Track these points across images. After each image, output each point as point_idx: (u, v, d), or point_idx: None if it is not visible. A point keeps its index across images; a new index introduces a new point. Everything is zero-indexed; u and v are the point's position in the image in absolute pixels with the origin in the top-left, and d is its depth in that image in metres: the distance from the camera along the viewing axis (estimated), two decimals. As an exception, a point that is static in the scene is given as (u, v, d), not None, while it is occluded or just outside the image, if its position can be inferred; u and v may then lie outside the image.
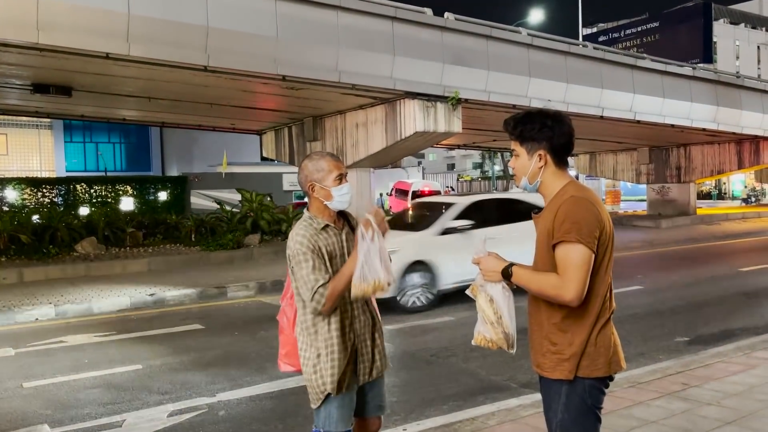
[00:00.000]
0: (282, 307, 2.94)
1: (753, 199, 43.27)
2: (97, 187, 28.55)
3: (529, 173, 2.33)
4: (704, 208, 33.02)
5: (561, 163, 2.32)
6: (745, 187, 50.18)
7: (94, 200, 27.54)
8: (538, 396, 4.84)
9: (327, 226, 2.72)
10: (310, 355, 2.69)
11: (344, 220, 2.84)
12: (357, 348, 2.74)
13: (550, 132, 2.27)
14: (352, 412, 2.75)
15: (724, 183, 53.29)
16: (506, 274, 2.29)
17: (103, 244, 14.59)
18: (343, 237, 2.76)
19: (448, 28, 14.60)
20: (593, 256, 2.15)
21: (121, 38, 10.56)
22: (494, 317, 2.35)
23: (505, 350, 2.39)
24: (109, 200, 27.77)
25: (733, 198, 51.04)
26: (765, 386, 4.72)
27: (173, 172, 36.55)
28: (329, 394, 2.67)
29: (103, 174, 32.02)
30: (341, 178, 2.72)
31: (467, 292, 2.47)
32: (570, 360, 2.23)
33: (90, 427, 4.60)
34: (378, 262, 2.54)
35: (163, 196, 30.51)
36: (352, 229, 2.83)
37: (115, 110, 17.91)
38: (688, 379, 4.95)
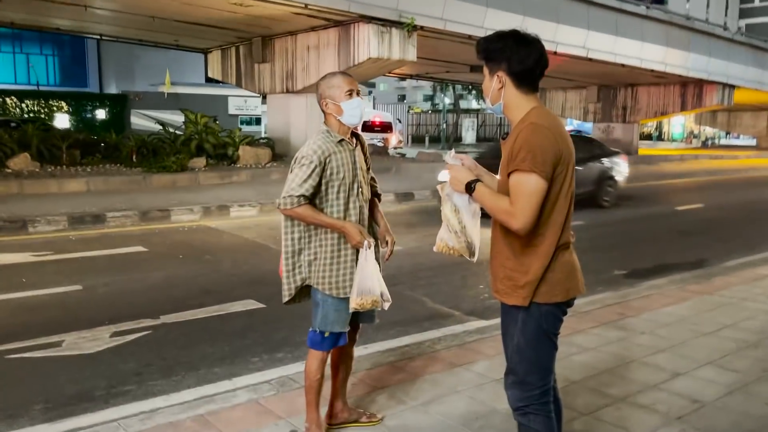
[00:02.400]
0: None
1: (710, 142, 45.99)
2: (28, 102, 27.01)
3: (491, 94, 2.30)
4: (648, 148, 34.05)
5: (523, 86, 2.26)
6: (686, 130, 51.93)
7: (26, 116, 26.06)
8: (482, 323, 5.00)
9: (342, 140, 2.85)
10: (306, 253, 2.84)
11: (356, 139, 2.97)
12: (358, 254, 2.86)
13: (508, 53, 2.22)
14: (348, 316, 2.87)
15: (665, 125, 54.82)
16: (470, 188, 2.26)
17: (37, 161, 13.91)
18: (356, 153, 2.90)
19: (406, -51, 14.08)
20: (547, 185, 2.13)
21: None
22: (458, 226, 2.36)
23: (466, 257, 2.42)
24: (43, 116, 26.35)
25: (672, 140, 52.86)
26: (695, 317, 4.97)
27: (112, 89, 34.87)
28: (300, 290, 2.86)
29: (35, 88, 30.21)
30: (351, 93, 2.84)
31: (437, 187, 2.50)
32: (525, 287, 2.24)
33: (28, 346, 4.47)
34: (377, 283, 2.78)
35: (101, 114, 29.15)
36: (363, 148, 3.01)
37: (48, 18, 16.70)
38: (625, 310, 5.17)
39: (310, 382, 2.91)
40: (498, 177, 2.34)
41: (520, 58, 2.22)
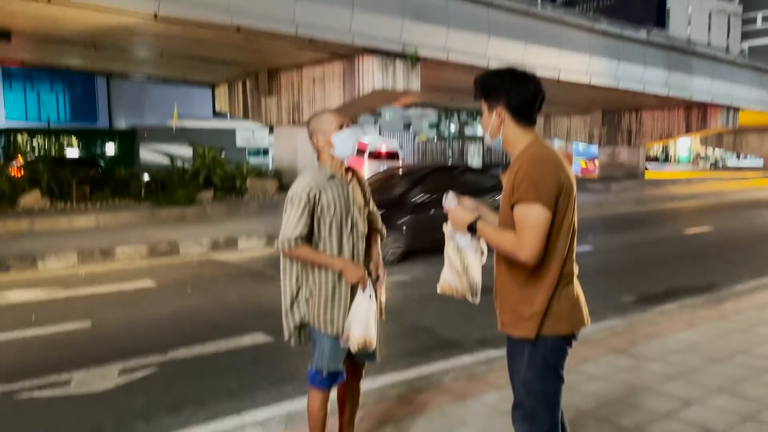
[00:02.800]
0: None
1: (720, 164, 46.48)
2: (39, 139, 27.40)
3: (490, 129, 2.35)
4: (654, 171, 34.02)
5: (522, 121, 2.31)
6: (691, 152, 51.98)
7: (37, 152, 26.43)
8: (491, 353, 4.96)
9: (333, 176, 2.86)
10: (303, 291, 2.86)
11: (352, 174, 2.98)
12: (354, 292, 2.86)
13: (506, 90, 2.28)
14: (343, 354, 2.87)
15: (671, 147, 54.85)
16: (472, 228, 2.29)
17: (47, 198, 14.05)
18: (349, 188, 2.90)
19: (408, -18, 14.33)
20: (551, 215, 2.15)
21: (64, -20, 9.98)
22: (461, 267, 2.39)
23: (469, 299, 2.44)
24: (53, 153, 26.71)
25: (679, 162, 52.89)
26: (707, 343, 4.92)
27: (121, 125, 35.32)
28: (302, 327, 2.88)
29: (45, 125, 30.67)
30: (341, 126, 2.87)
31: (444, 228, 2.50)
32: (531, 319, 2.25)
33: (37, 384, 4.47)
34: (374, 324, 2.82)
35: (110, 149, 29.52)
36: (360, 183, 3.00)
37: (58, 57, 17.05)
38: (635, 337, 5.13)
39: (313, 421, 2.90)
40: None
41: (518, 93, 2.27)
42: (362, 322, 2.77)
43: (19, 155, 22.88)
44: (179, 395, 4.31)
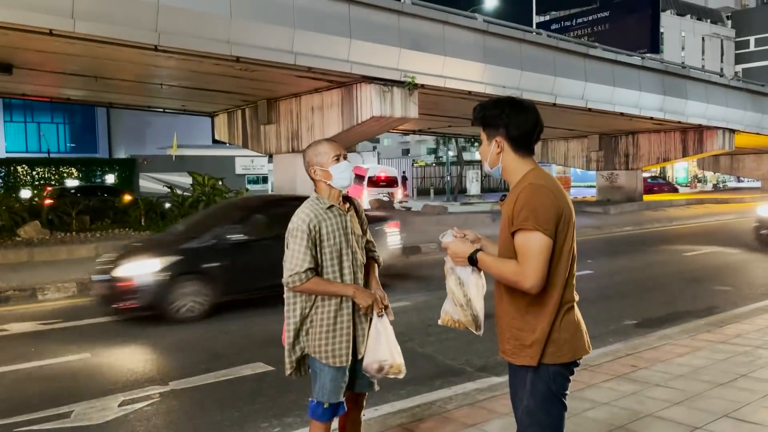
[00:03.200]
0: None
1: (721, 185, 47.16)
2: (39, 169, 27.51)
3: (489, 158, 2.38)
4: (653, 194, 34.12)
5: (521, 150, 2.34)
6: (689, 174, 52.41)
7: (37, 183, 26.52)
8: (493, 380, 4.94)
9: (332, 206, 2.86)
10: (305, 322, 2.86)
11: (350, 204, 3.00)
12: (355, 323, 2.87)
13: (506, 120, 2.31)
14: (344, 385, 2.86)
15: (669, 170, 55.10)
16: (472, 259, 2.30)
17: (47, 228, 14.07)
18: (347, 218, 2.91)
19: (405, 12, 14.54)
20: (552, 242, 2.17)
21: (65, 14, 10.13)
22: (464, 299, 2.39)
23: (472, 331, 2.45)
24: (53, 183, 26.80)
25: (678, 185, 53.15)
26: (710, 367, 4.90)
27: (121, 154, 35.52)
28: (302, 360, 2.88)
29: (46, 155, 30.83)
30: (339, 158, 2.87)
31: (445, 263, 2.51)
32: (532, 346, 2.25)
33: (37, 418, 4.44)
34: (395, 350, 2.90)
35: (110, 179, 29.63)
36: (358, 212, 3.02)
37: (59, 89, 17.22)
38: (637, 361, 5.11)
39: None
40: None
41: (517, 123, 2.31)
42: (387, 349, 2.85)
43: (48, 186, 23.46)
44: (180, 427, 4.28)
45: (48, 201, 18.22)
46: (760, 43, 74.25)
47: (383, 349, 2.84)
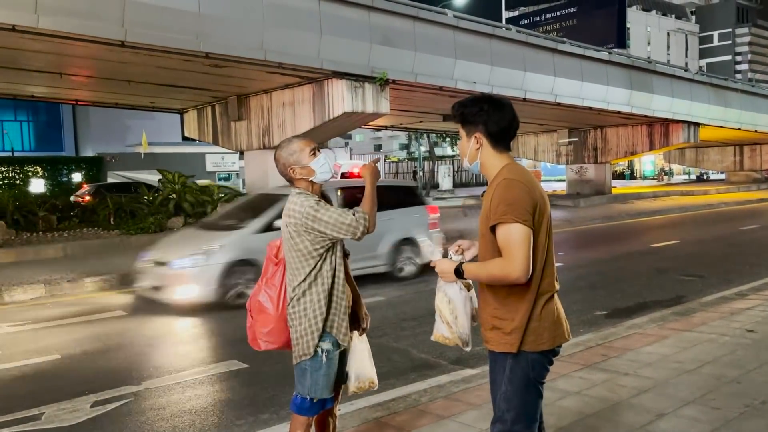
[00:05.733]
0: (260, 289, 2.97)
1: (705, 176, 48.31)
2: (3, 168, 26.86)
3: (469, 154, 2.45)
4: (621, 187, 34.73)
5: (499, 146, 2.42)
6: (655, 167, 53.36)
7: (0, 182, 25.91)
8: (467, 372, 5.00)
9: (318, 201, 2.83)
10: (307, 317, 2.81)
11: (324, 198, 2.97)
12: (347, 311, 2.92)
13: (485, 116, 2.38)
14: (335, 379, 2.88)
15: (636, 164, 56.11)
16: (459, 271, 2.37)
17: (13, 229, 13.76)
18: None
19: (375, 7, 14.54)
20: (531, 232, 2.25)
21: (28, 9, 9.90)
22: (450, 317, 2.46)
23: (461, 347, 2.51)
24: (18, 182, 26.21)
25: (644, 178, 54.18)
26: (677, 355, 5.03)
27: (88, 152, 34.85)
28: (315, 355, 2.82)
29: (9, 154, 30.10)
30: (315, 152, 2.84)
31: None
32: (512, 334, 2.32)
33: (6, 421, 4.36)
34: (371, 364, 3.05)
35: (77, 177, 29.08)
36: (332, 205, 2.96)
37: (22, 86, 16.80)
38: (608, 351, 5.22)
39: None
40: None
41: (496, 119, 2.38)
42: (360, 365, 2.96)
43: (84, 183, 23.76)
44: (154, 426, 4.24)
45: (87, 198, 19.74)
46: (723, 38, 76.01)
47: (367, 366, 2.99)
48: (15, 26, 9.95)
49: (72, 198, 20.21)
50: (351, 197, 8.38)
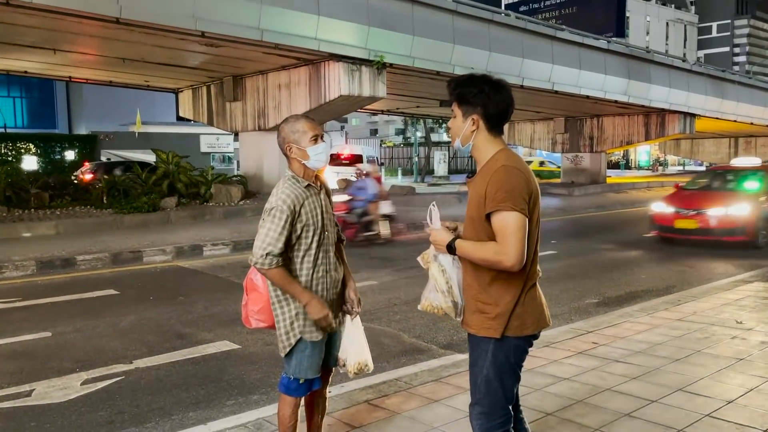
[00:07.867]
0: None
1: (709, 165, 48.16)
2: (-5, 145, 26.64)
3: (462, 135, 2.38)
4: (616, 177, 34.77)
5: (494, 129, 2.37)
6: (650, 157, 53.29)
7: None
8: (458, 357, 5.02)
9: (309, 185, 2.83)
10: (288, 303, 2.80)
11: (320, 182, 2.94)
12: (331, 299, 2.88)
13: (485, 98, 2.31)
14: (320, 361, 2.88)
15: (632, 154, 56.16)
16: (450, 247, 2.34)
17: (4, 206, 13.68)
18: (322, 197, 2.88)
19: (373, -10, 14.41)
20: (527, 221, 2.23)
21: (22, -17, 9.76)
22: (445, 286, 2.43)
23: (452, 317, 2.48)
24: (10, 159, 26.01)
25: (640, 168, 54.20)
26: (666, 344, 5.06)
27: (82, 130, 34.57)
28: (300, 341, 2.81)
29: (2, 131, 29.83)
30: (317, 139, 2.82)
31: (417, 259, 2.58)
32: (496, 319, 2.31)
33: (-5, 397, 4.36)
34: (366, 346, 3.04)
35: (70, 155, 28.87)
36: (327, 192, 2.96)
37: (15, 62, 16.62)
38: (598, 338, 5.24)
39: (284, 428, 2.89)
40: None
41: (496, 102, 2.32)
42: (356, 347, 2.93)
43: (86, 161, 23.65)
44: (144, 405, 4.24)
45: (88, 176, 19.69)
46: (722, 30, 75.84)
47: (363, 349, 2.99)
48: (8, 1, 9.81)
49: (74, 177, 20.08)
50: None
